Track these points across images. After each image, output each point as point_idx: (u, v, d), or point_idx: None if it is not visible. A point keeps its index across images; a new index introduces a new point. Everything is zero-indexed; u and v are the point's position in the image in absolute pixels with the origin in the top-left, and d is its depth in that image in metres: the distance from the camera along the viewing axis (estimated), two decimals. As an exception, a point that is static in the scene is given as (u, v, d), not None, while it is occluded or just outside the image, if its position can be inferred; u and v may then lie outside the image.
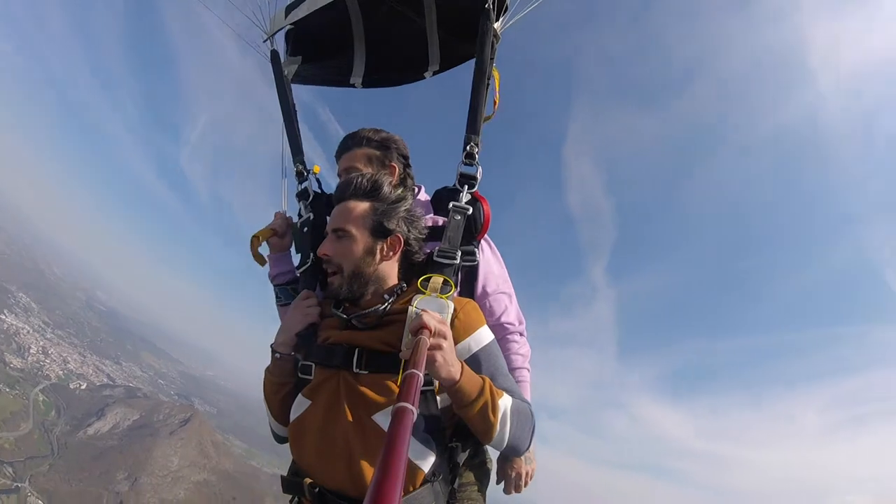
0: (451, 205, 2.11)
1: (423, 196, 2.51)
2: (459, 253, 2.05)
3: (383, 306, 1.85)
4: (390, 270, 1.94)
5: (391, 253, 1.92)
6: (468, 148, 2.17)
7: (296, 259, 2.53)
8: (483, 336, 1.82)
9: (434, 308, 1.67)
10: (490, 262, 2.29)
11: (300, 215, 2.49)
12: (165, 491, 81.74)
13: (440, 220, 2.25)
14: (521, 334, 2.32)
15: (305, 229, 2.42)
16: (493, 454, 2.17)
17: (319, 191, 2.55)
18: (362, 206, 1.91)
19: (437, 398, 1.75)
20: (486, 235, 2.24)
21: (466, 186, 2.15)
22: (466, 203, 2.12)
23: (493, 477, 2.20)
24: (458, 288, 2.06)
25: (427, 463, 1.69)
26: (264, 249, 2.52)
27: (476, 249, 2.15)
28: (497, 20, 2.37)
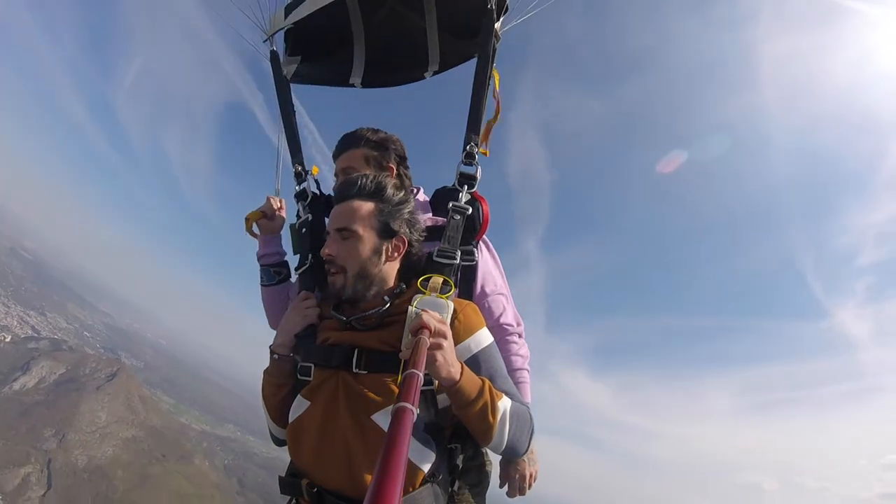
0: (450, 204, 2.12)
1: (423, 197, 2.50)
2: (459, 253, 2.05)
3: (384, 307, 1.83)
4: (392, 272, 1.93)
5: (395, 254, 1.91)
6: (468, 148, 2.18)
7: (285, 248, 2.57)
8: (483, 338, 1.82)
9: (434, 308, 1.65)
10: (488, 262, 2.31)
11: (298, 216, 2.47)
12: (94, 448, 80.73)
13: (439, 221, 2.24)
14: (519, 335, 2.35)
15: (304, 230, 2.39)
16: (492, 457, 2.18)
17: (318, 192, 2.53)
18: (367, 206, 1.89)
19: (437, 398, 1.74)
20: (483, 236, 2.26)
21: (466, 186, 2.16)
22: (466, 203, 2.13)
23: (494, 480, 2.20)
24: (458, 288, 2.03)
25: (427, 463, 1.68)
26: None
27: (475, 249, 2.17)
28: (497, 20, 2.36)
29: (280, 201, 2.63)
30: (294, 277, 2.52)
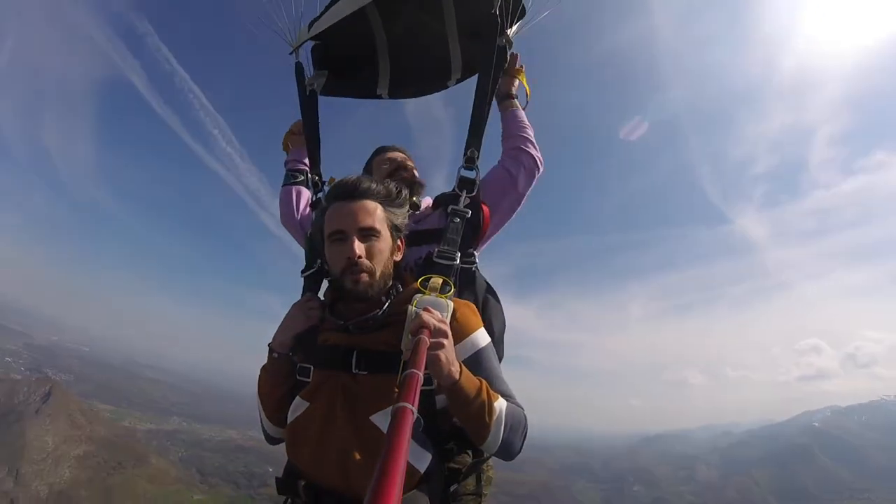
0: (449, 208, 2.15)
1: (426, 202, 2.58)
2: (459, 255, 2.06)
3: (381, 310, 1.81)
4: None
5: (399, 253, 1.95)
6: (469, 153, 2.22)
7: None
8: (480, 339, 1.81)
9: (434, 308, 1.64)
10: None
11: (312, 223, 2.49)
12: (50, 475, 77.31)
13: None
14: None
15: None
16: (492, 463, 2.14)
17: None
18: (380, 206, 1.88)
19: (436, 399, 1.73)
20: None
21: (466, 190, 2.19)
22: (465, 207, 2.16)
23: (493, 486, 2.16)
24: (457, 288, 2.01)
25: (424, 463, 1.67)
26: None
27: (475, 252, 2.21)
28: (512, 25, 2.38)
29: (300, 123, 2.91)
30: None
